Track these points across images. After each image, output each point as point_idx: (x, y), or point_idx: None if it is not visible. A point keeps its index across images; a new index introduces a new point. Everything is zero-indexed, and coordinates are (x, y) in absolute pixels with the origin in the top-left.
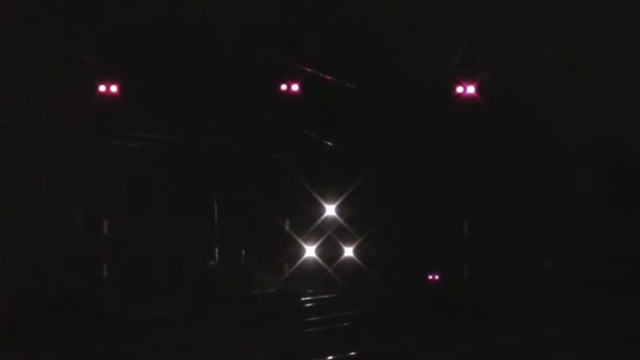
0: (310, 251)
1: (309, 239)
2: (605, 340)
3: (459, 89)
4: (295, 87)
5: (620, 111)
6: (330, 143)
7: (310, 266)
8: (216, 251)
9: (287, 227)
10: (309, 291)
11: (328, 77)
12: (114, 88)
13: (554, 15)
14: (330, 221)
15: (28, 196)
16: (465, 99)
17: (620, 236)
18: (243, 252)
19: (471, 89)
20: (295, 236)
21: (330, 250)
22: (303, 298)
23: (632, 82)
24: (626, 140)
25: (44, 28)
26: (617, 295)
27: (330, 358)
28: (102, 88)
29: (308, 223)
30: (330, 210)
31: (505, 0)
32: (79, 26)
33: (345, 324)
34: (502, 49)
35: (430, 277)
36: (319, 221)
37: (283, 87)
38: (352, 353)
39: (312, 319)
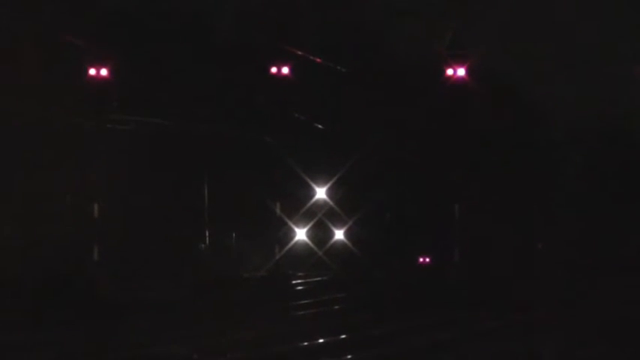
0: (301, 234)
1: (300, 222)
2: (594, 326)
3: (449, 71)
4: (285, 70)
5: (614, 96)
6: (320, 126)
7: (301, 249)
8: (207, 234)
9: (277, 210)
10: (300, 274)
11: (318, 60)
12: (104, 72)
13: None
14: (320, 204)
15: (17, 179)
16: (456, 81)
17: (613, 220)
18: (234, 235)
19: (461, 71)
20: (286, 219)
21: (320, 233)
22: (293, 281)
23: (627, 66)
24: (620, 125)
25: (35, 12)
26: (608, 279)
27: (321, 340)
28: (92, 71)
29: (298, 205)
30: (321, 193)
31: None
32: (69, 9)
33: (336, 307)
34: (494, 33)
35: (421, 259)
36: (310, 204)
37: (273, 70)
38: (343, 336)
39: (302, 301)
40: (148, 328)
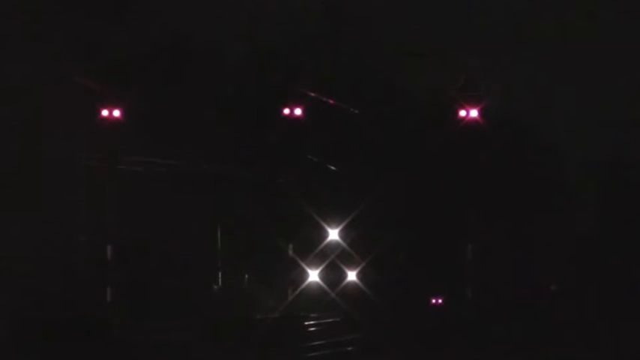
0: (314, 275)
1: (313, 263)
2: None
3: (462, 113)
4: (298, 111)
5: (622, 134)
6: (333, 167)
7: (314, 290)
8: (220, 276)
9: (290, 251)
10: (313, 315)
11: (331, 101)
12: (117, 113)
13: (557, 40)
14: (333, 245)
15: (31, 220)
16: (468, 122)
17: (622, 259)
18: (247, 276)
19: (474, 113)
20: (299, 260)
21: (333, 274)
22: (306, 322)
23: (633, 104)
24: (628, 162)
25: (48, 53)
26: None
27: None
28: (105, 112)
29: (311, 247)
30: (334, 234)
31: (509, 25)
32: (82, 51)
33: (349, 348)
34: (505, 74)
35: (433, 300)
36: (322, 245)
37: (286, 111)
38: None
39: (315, 343)
40: None
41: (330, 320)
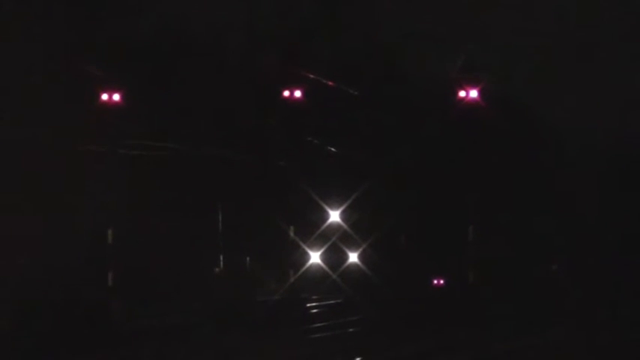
0: (315, 257)
1: (314, 245)
2: (609, 348)
3: (462, 93)
4: (298, 93)
5: (622, 111)
6: (333, 149)
7: (315, 272)
8: (221, 258)
9: (292, 233)
10: (314, 297)
11: (331, 83)
12: (117, 97)
13: (556, 18)
14: (334, 227)
15: (33, 206)
16: (468, 103)
17: (623, 238)
18: (248, 259)
19: (473, 93)
20: (300, 242)
21: (334, 256)
22: (308, 304)
23: (633, 81)
24: (628, 141)
25: (48, 38)
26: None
27: None
28: (104, 96)
29: (312, 229)
30: (335, 216)
31: (507, 4)
32: (82, 35)
33: (351, 329)
34: (505, 53)
35: (435, 281)
36: (324, 227)
37: (286, 93)
38: (358, 359)
39: (317, 324)
40: (161, 354)
41: (332, 302)
